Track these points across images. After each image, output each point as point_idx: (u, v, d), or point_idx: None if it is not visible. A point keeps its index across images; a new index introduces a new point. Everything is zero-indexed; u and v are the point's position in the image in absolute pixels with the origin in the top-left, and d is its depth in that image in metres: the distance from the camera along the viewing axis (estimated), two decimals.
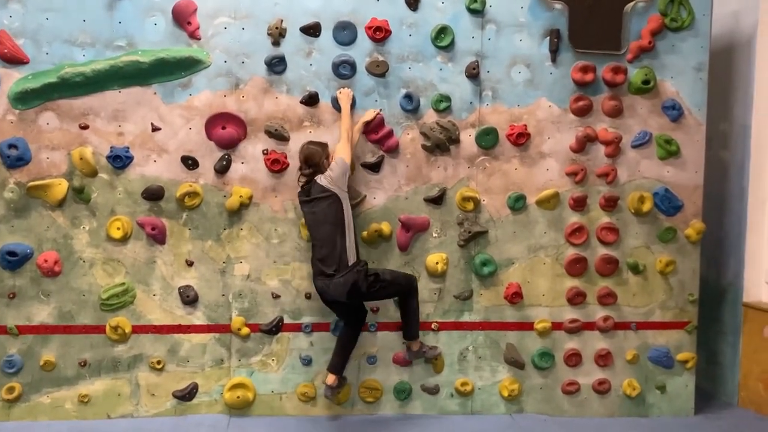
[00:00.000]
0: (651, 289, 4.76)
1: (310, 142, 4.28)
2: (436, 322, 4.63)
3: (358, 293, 4.15)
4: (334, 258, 4.08)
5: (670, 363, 4.79)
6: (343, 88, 4.40)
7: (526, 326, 4.70)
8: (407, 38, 4.50)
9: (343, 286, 4.09)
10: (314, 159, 4.18)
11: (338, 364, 4.37)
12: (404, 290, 4.33)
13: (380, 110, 4.45)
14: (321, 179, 4.13)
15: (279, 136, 4.45)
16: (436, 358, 4.59)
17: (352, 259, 4.14)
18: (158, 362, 4.44)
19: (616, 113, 4.65)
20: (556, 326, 4.71)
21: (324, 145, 4.28)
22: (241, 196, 4.41)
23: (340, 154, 4.17)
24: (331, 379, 4.34)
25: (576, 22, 4.59)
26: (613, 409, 4.79)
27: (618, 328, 4.75)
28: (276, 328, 4.53)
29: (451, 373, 4.68)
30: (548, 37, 4.57)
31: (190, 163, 4.40)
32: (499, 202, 4.64)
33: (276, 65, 4.41)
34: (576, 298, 4.69)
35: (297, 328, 4.55)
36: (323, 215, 4.12)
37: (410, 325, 4.40)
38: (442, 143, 4.55)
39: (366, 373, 4.62)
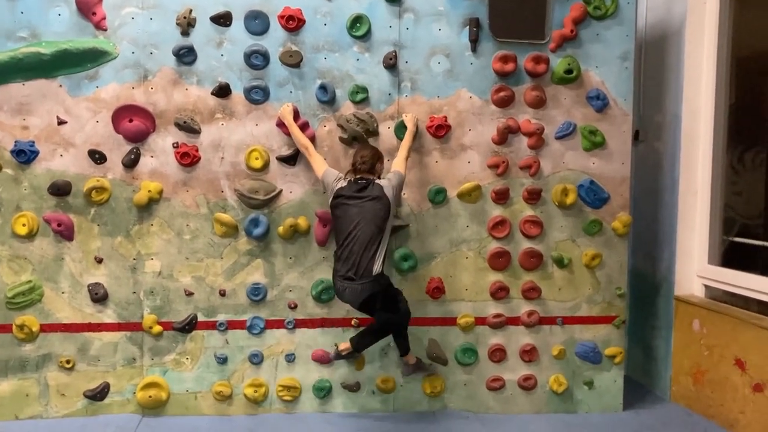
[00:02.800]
0: (577, 283, 4.67)
1: (366, 146, 4.30)
2: (356, 318, 4.53)
3: (372, 305, 4.08)
4: (362, 262, 3.97)
5: (597, 358, 4.71)
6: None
7: (449, 321, 4.61)
8: (322, 27, 4.39)
9: (361, 294, 4.00)
10: (368, 158, 4.14)
11: (359, 343, 4.27)
12: (400, 323, 4.24)
13: (415, 117, 4.45)
14: (381, 182, 4.09)
15: (189, 128, 4.33)
16: (431, 373, 4.56)
17: (378, 269, 4.02)
18: (68, 361, 4.33)
19: (538, 104, 4.55)
20: (480, 321, 4.62)
21: (379, 153, 4.26)
22: (149, 191, 4.30)
23: (399, 167, 4.19)
24: (343, 345, 4.26)
25: (497, 10, 4.48)
26: (540, 405, 4.71)
27: (543, 323, 4.67)
28: (189, 326, 4.42)
29: (372, 369, 4.58)
30: (468, 27, 4.47)
31: (97, 157, 4.28)
32: (420, 196, 4.54)
33: (185, 56, 4.30)
34: (499, 293, 4.60)
35: (211, 326, 4.45)
36: (372, 215, 4.01)
37: (403, 344, 4.33)
38: (359, 135, 4.44)
39: (284, 371, 4.52)
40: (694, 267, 4.92)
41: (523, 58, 4.51)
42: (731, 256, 4.84)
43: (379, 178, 4.20)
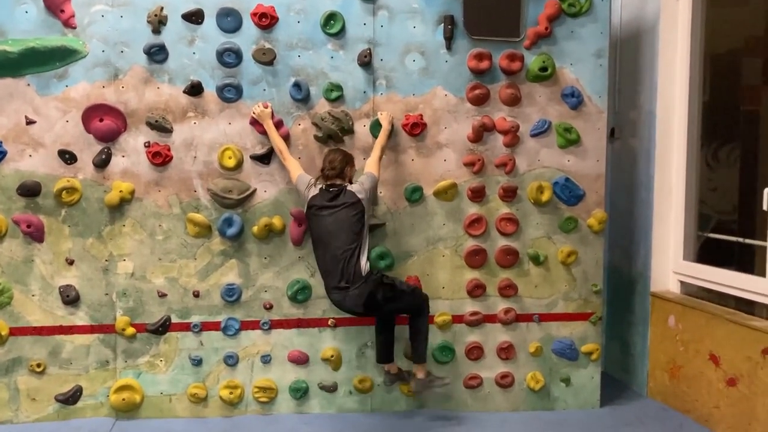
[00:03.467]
0: (553, 280, 4.68)
1: (335, 149, 4.24)
2: (333, 318, 4.50)
3: (376, 304, 4.01)
4: (348, 269, 3.95)
5: (574, 355, 4.72)
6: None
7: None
8: (295, 25, 4.35)
9: (359, 297, 3.96)
10: (337, 164, 4.08)
11: (387, 354, 4.32)
12: (419, 305, 4.20)
13: (390, 116, 4.43)
14: (353, 187, 4.07)
15: (161, 127, 4.28)
16: (441, 386, 4.41)
17: (366, 269, 4.01)
18: (39, 365, 4.26)
19: (513, 102, 4.55)
20: (457, 319, 4.60)
21: (349, 156, 4.20)
22: (121, 191, 4.24)
23: (372, 169, 4.17)
24: (392, 367, 4.34)
25: (471, 8, 4.47)
26: (517, 403, 4.71)
27: (520, 320, 4.66)
28: (163, 327, 4.37)
29: (350, 369, 4.56)
30: (443, 24, 4.45)
31: (67, 157, 4.21)
32: (396, 194, 4.52)
33: (157, 54, 4.24)
34: (476, 291, 4.59)
35: (185, 327, 4.39)
36: (348, 224, 3.98)
37: (418, 346, 4.24)
38: (334, 134, 4.41)
39: (259, 372, 4.48)
40: (670, 263, 4.94)
41: (498, 56, 4.50)
42: (706, 252, 4.87)
43: (350, 182, 4.15)
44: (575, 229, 4.66)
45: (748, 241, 4.47)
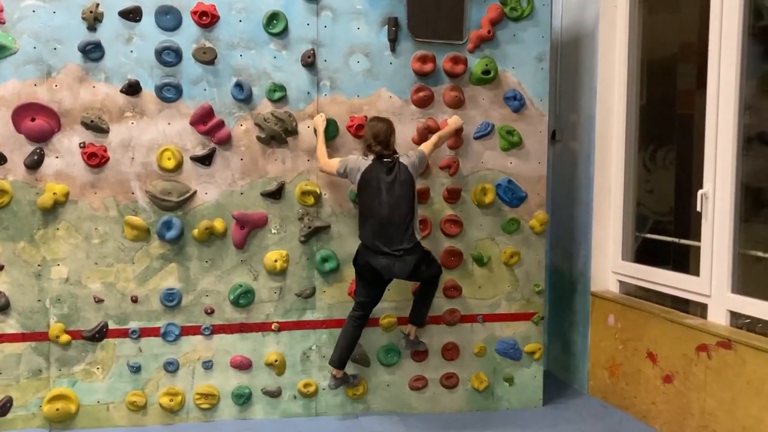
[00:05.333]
0: (496, 281, 4.72)
1: (376, 118, 4.27)
2: (277, 322, 4.44)
3: (418, 271, 4.21)
4: (407, 237, 4.09)
5: (517, 354, 4.77)
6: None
7: (372, 322, 4.55)
8: (237, 24, 4.28)
9: (409, 265, 4.11)
10: (382, 136, 4.15)
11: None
12: (438, 274, 4.41)
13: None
14: (405, 160, 4.18)
15: (97, 127, 4.14)
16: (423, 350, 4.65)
17: (418, 237, 4.19)
18: None
19: (457, 104, 4.57)
20: (402, 321, 4.59)
21: (389, 122, 4.25)
22: (55, 193, 4.09)
23: (425, 148, 4.29)
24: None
25: (415, 10, 4.47)
26: (462, 403, 4.74)
27: (464, 321, 4.69)
28: (100, 334, 4.23)
29: (294, 374, 4.50)
30: (387, 26, 4.44)
31: None
32: (341, 196, 4.49)
33: (92, 52, 4.10)
34: None
35: (123, 333, 4.27)
36: (403, 195, 4.11)
37: (423, 311, 4.44)
38: (277, 135, 4.35)
39: (201, 378, 4.38)
40: (609, 263, 5.05)
41: (441, 59, 4.52)
42: (644, 253, 4.99)
43: (395, 152, 4.22)
44: (518, 231, 4.72)
45: (683, 241, 4.60)
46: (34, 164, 4.08)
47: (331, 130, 4.41)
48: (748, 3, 3.95)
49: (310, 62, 4.35)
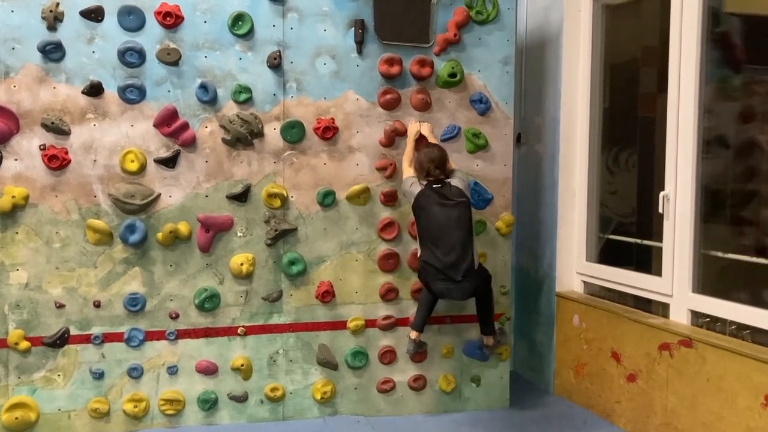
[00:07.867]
0: None
1: (428, 144, 4.34)
2: (243, 326, 4.40)
3: (476, 293, 4.33)
4: (466, 264, 4.12)
5: (484, 355, 4.80)
6: None
7: (339, 325, 4.56)
8: (202, 25, 4.23)
9: (467, 290, 4.20)
10: (439, 161, 4.21)
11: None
12: (491, 289, 4.51)
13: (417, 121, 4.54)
14: (457, 183, 4.19)
15: (58, 129, 4.05)
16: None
17: (477, 264, 4.23)
18: None
19: (424, 107, 4.59)
20: (370, 324, 4.60)
21: (444, 150, 4.34)
22: (14, 197, 3.98)
23: (405, 161, 4.40)
24: (414, 334, 4.44)
25: (382, 13, 4.47)
26: (430, 405, 4.75)
27: (432, 322, 4.69)
28: (61, 340, 4.14)
29: (261, 378, 4.46)
30: (353, 28, 4.43)
31: None
32: (308, 198, 4.47)
33: (52, 52, 4.01)
34: (389, 294, 4.60)
35: (86, 339, 4.18)
36: (459, 220, 4.12)
37: (490, 319, 4.54)
38: (243, 137, 4.31)
39: (166, 384, 4.32)
40: (574, 264, 5.12)
41: (408, 61, 4.53)
42: (607, 253, 5.07)
43: (448, 176, 4.25)
44: (484, 232, 4.75)
45: (645, 242, 4.68)
46: None
47: (297, 133, 4.39)
48: (707, 9, 4.04)
49: (276, 64, 4.32)
